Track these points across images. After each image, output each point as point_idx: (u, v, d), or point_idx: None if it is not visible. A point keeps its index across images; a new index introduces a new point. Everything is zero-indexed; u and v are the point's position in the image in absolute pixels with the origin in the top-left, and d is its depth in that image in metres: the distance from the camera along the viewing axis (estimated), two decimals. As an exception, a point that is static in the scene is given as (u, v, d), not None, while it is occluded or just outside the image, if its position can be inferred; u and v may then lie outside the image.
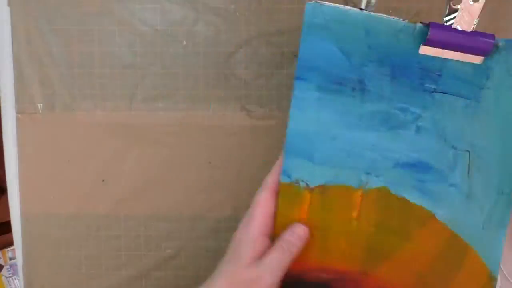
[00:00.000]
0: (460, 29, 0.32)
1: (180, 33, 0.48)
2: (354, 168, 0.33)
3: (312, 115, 0.33)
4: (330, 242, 0.34)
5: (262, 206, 0.32)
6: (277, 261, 0.31)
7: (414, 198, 0.33)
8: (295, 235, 0.32)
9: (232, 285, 0.31)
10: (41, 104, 0.49)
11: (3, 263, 1.13)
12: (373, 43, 0.32)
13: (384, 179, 0.33)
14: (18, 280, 1.12)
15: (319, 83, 0.32)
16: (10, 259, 1.13)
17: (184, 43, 0.48)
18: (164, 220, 0.50)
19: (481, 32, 0.32)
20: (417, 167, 0.33)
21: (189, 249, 0.50)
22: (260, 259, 0.31)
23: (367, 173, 0.33)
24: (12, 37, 0.49)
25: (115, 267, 0.51)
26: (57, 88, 0.49)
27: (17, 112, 0.50)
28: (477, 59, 0.32)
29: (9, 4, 0.48)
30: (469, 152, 0.33)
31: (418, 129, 0.33)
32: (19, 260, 0.52)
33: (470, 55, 0.32)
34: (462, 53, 0.32)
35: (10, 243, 1.13)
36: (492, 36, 0.32)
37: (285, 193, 0.33)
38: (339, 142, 0.33)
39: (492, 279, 0.34)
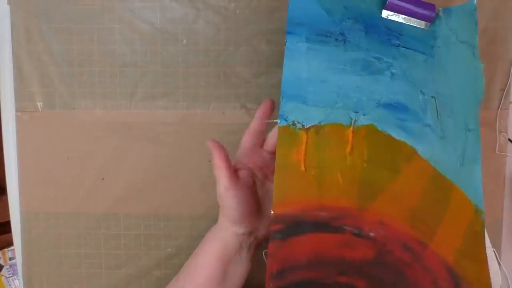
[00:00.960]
0: None
1: (180, 31, 0.48)
2: (343, 107, 0.37)
3: (302, 63, 0.37)
4: (327, 179, 0.35)
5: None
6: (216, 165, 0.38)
7: (397, 134, 0.37)
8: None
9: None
10: (41, 103, 0.49)
11: (3, 263, 1.13)
12: (347, 4, 0.38)
13: (370, 117, 0.37)
14: (18, 280, 1.12)
15: (307, 36, 0.37)
16: (10, 259, 1.13)
17: (184, 41, 0.48)
18: (164, 218, 0.50)
19: (425, 2, 0.39)
20: (396, 107, 0.37)
21: (189, 247, 0.50)
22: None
23: (355, 112, 0.37)
24: (11, 36, 0.49)
25: (115, 266, 0.51)
26: (57, 86, 0.49)
27: (17, 111, 0.50)
28: (423, 24, 0.39)
29: (8, 2, 0.48)
30: (434, 98, 0.38)
31: (392, 75, 0.38)
32: (19, 259, 0.52)
33: (419, 20, 0.39)
34: (413, 19, 0.39)
35: (10, 243, 1.13)
36: (433, 7, 0.38)
37: (283, 135, 0.35)
38: (328, 85, 0.37)
39: (478, 213, 0.37)
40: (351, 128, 0.36)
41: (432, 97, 0.38)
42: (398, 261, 0.36)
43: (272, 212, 0.34)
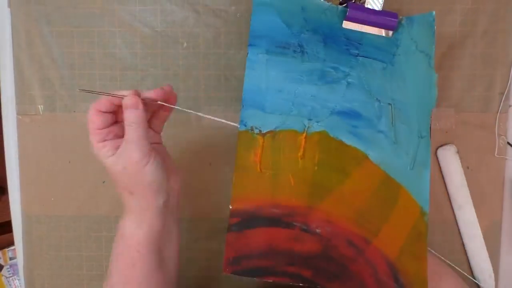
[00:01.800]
0: (371, 8, 0.41)
1: (181, 35, 0.48)
2: (298, 115, 0.39)
3: (262, 73, 0.39)
4: (281, 180, 0.39)
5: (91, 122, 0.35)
6: (130, 137, 0.33)
7: (349, 140, 0.40)
8: (128, 111, 0.33)
9: (114, 176, 0.34)
10: (42, 106, 0.49)
11: (3, 263, 1.13)
12: (307, 17, 0.40)
13: (323, 124, 0.40)
14: (18, 280, 1.12)
15: (267, 47, 0.40)
16: (11, 259, 1.13)
17: (185, 44, 0.48)
18: (164, 221, 0.50)
19: (387, 12, 0.40)
20: (350, 115, 0.40)
21: (189, 250, 0.50)
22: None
23: (309, 119, 0.40)
24: (12, 39, 0.49)
25: (116, 268, 0.51)
26: (58, 89, 0.49)
27: (18, 114, 0.50)
28: (387, 33, 0.41)
29: (9, 5, 0.48)
30: (390, 105, 0.40)
31: (348, 84, 0.40)
32: (20, 260, 0.52)
33: (381, 29, 0.41)
34: (375, 28, 0.41)
35: (11, 243, 1.13)
36: (395, 15, 0.40)
37: (242, 139, 0.39)
38: (284, 94, 0.40)
39: (423, 214, 0.40)
40: (304, 134, 0.39)
41: (389, 104, 0.40)
42: (342, 255, 0.39)
43: (230, 207, 0.38)
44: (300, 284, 0.39)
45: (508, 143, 0.48)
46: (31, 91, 0.49)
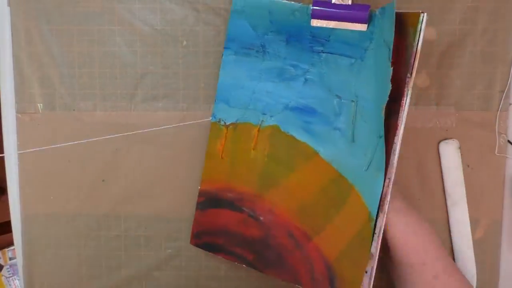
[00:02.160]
0: (338, 3, 0.40)
1: (180, 33, 0.48)
2: (254, 109, 0.44)
3: (231, 72, 0.44)
4: (236, 167, 0.44)
5: None
6: None
7: (300, 135, 0.42)
8: None
9: None
10: (41, 104, 0.49)
11: (3, 263, 1.13)
12: (274, 19, 0.42)
13: (276, 119, 0.43)
14: (18, 280, 1.12)
15: (236, 49, 0.44)
16: (10, 259, 1.13)
17: (184, 43, 0.48)
18: (164, 220, 0.50)
19: (356, 5, 0.39)
20: (304, 111, 0.42)
21: (189, 249, 0.50)
22: None
23: (263, 114, 0.44)
24: (12, 37, 0.49)
25: (116, 267, 0.51)
26: (57, 88, 0.49)
27: (17, 112, 0.50)
28: (362, 27, 0.39)
29: (9, 4, 0.48)
30: (354, 102, 0.40)
31: (306, 81, 0.42)
32: (19, 260, 0.52)
33: (354, 23, 0.39)
34: (347, 23, 0.39)
35: (10, 243, 1.13)
36: (365, 7, 0.38)
37: (213, 129, 0.45)
38: (245, 90, 0.44)
39: (370, 220, 0.37)
40: (258, 127, 0.44)
41: (352, 101, 0.40)
42: (281, 245, 0.42)
43: (199, 187, 0.46)
44: (244, 266, 0.44)
45: (509, 141, 0.48)
46: (31, 90, 0.49)
